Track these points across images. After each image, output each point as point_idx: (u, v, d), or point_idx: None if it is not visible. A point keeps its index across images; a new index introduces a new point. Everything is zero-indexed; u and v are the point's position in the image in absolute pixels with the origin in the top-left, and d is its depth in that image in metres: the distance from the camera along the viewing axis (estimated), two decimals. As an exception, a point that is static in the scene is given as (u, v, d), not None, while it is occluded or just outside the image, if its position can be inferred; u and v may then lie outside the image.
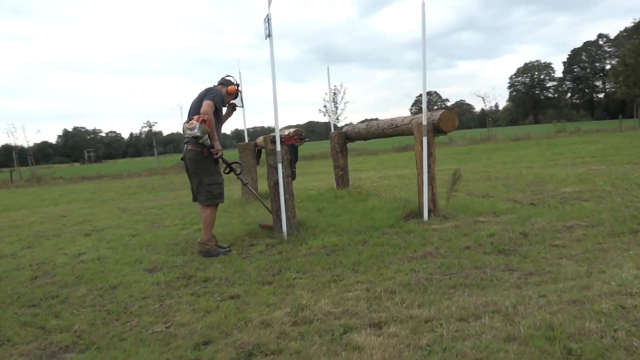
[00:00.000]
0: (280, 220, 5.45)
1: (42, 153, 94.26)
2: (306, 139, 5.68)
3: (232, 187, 9.02)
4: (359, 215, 6.37)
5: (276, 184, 5.43)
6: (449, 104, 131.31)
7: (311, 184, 11.90)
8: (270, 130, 8.66)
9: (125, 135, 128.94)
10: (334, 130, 9.58)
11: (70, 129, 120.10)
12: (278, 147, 5.38)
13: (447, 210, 5.94)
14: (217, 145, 5.16)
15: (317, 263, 4.35)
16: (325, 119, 33.91)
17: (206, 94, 5.25)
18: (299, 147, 5.99)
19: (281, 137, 5.45)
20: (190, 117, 5.11)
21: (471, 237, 4.80)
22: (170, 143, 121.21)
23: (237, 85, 5.56)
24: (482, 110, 41.24)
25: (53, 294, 4.06)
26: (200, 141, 5.00)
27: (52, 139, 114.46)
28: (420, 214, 5.83)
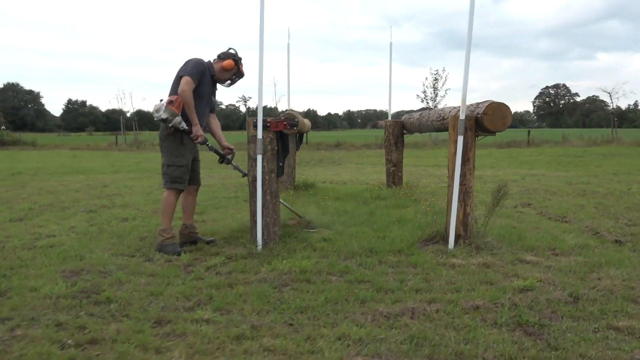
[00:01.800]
0: (255, 227, 4.26)
1: (145, 120, 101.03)
2: (296, 128, 4.38)
3: None
4: (375, 228, 4.97)
5: (254, 180, 4.23)
6: (578, 99, 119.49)
7: (366, 176, 10.48)
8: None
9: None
10: (390, 118, 8.10)
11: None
12: (259, 134, 4.16)
13: (486, 238, 4.33)
14: (197, 129, 4.23)
15: (252, 300, 3.11)
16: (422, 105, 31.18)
17: (183, 66, 4.25)
18: (289, 136, 4.69)
19: (266, 122, 4.22)
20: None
21: (493, 290, 3.25)
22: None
23: (237, 60, 4.46)
24: (615, 107, 35.93)
25: None
26: (170, 125, 4.10)
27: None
28: (445, 238, 4.31)
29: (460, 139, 4.11)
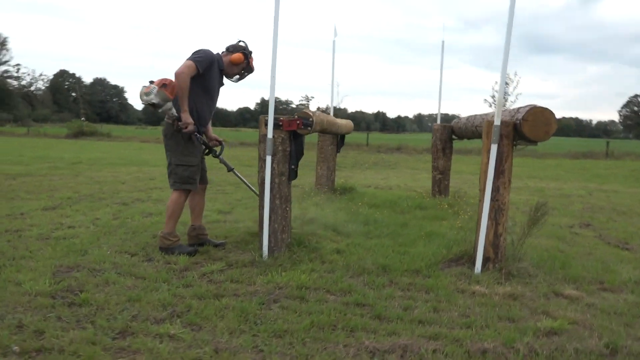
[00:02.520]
0: (261, 233, 3.94)
1: (241, 117, 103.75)
2: (310, 128, 3.98)
3: (304, 173, 7.61)
4: (399, 242, 4.50)
5: (263, 182, 3.91)
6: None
7: (417, 183, 9.88)
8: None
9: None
10: (440, 122, 7.52)
11: (267, 98, 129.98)
12: (269, 133, 3.83)
13: (521, 264, 3.75)
14: (186, 117, 3.90)
15: (230, 316, 2.78)
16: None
17: (192, 55, 4.00)
18: (305, 138, 4.29)
19: (279, 120, 3.88)
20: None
21: (512, 329, 2.73)
22: (352, 120, 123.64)
23: (247, 54, 4.19)
24: None
25: None
26: (160, 110, 3.83)
27: (251, 106, 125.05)
28: (472, 260, 3.78)
29: (494, 148, 3.57)
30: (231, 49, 4.18)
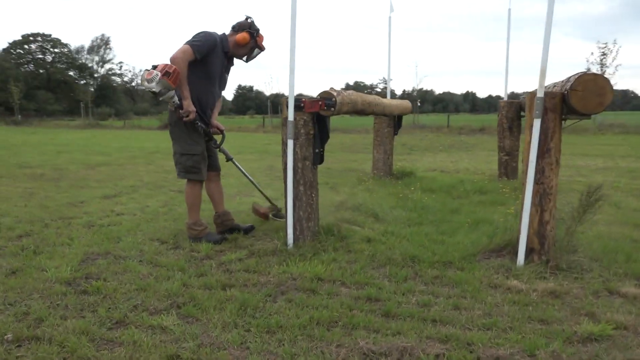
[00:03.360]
0: (286, 221, 3.78)
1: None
2: (334, 109, 3.69)
3: (363, 157, 7.19)
4: (440, 230, 4.14)
5: (286, 167, 3.73)
6: None
7: (489, 165, 9.17)
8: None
9: (398, 92, 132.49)
10: (507, 98, 6.89)
11: (351, 83, 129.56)
12: (290, 115, 3.63)
13: (574, 256, 3.26)
14: (188, 104, 3.76)
15: (230, 308, 2.65)
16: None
17: (191, 38, 3.82)
18: (330, 119, 3.99)
19: (300, 101, 3.67)
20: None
21: (540, 333, 2.35)
22: (439, 102, 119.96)
23: (254, 33, 3.95)
24: None
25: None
26: (161, 99, 3.68)
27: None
28: (514, 251, 3.35)
29: (537, 123, 3.11)
30: (237, 28, 3.97)
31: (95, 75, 71.82)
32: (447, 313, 2.59)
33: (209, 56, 3.79)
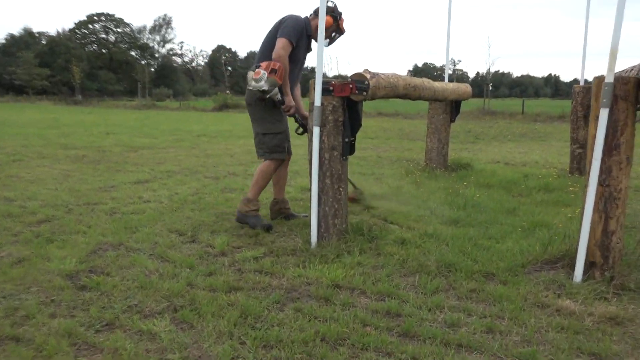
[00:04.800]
0: (310, 219, 3.57)
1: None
2: (366, 93, 3.40)
3: (417, 146, 6.80)
4: (487, 234, 3.80)
5: (312, 158, 3.52)
6: None
7: (562, 158, 8.52)
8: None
9: (471, 75, 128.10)
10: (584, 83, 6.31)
11: (420, 65, 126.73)
12: (317, 99, 3.41)
13: (646, 273, 2.85)
14: (290, 100, 3.96)
15: (229, 316, 2.49)
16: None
17: (280, 26, 3.91)
18: (362, 105, 3.67)
19: (329, 85, 3.43)
20: (258, 62, 3.87)
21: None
22: (517, 86, 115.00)
23: (336, 16, 4.00)
24: None
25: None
26: (267, 96, 3.77)
27: (403, 72, 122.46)
28: (572, 264, 2.97)
29: (605, 113, 2.71)
30: (318, 12, 3.88)
31: (156, 55, 74.56)
32: (478, 337, 2.30)
33: (298, 41, 3.89)
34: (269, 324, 2.44)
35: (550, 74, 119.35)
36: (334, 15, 3.99)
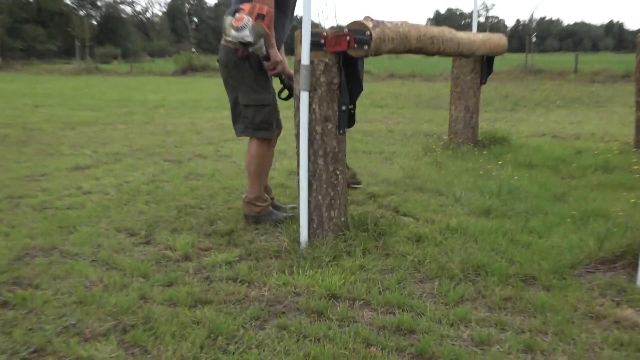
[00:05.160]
0: (299, 211, 3.60)
1: None
2: (367, 46, 3.37)
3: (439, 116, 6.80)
4: (528, 226, 3.85)
5: (298, 133, 3.53)
6: None
7: (620, 129, 8.57)
8: None
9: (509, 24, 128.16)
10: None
11: (442, 12, 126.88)
12: (304, 57, 3.40)
13: None
14: (275, 54, 3.83)
15: (194, 338, 2.52)
16: None
17: None
18: (363, 63, 3.65)
19: (319, 36, 3.42)
20: (237, 5, 3.80)
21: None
22: (570, 37, 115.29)
23: None
24: None
25: None
26: (251, 49, 3.68)
27: (422, 21, 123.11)
28: (634, 263, 3.01)
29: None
30: None
31: (99, 3, 74.17)
32: (513, 357, 2.34)
33: None
34: (246, 345, 2.46)
35: (611, 21, 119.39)
36: None
